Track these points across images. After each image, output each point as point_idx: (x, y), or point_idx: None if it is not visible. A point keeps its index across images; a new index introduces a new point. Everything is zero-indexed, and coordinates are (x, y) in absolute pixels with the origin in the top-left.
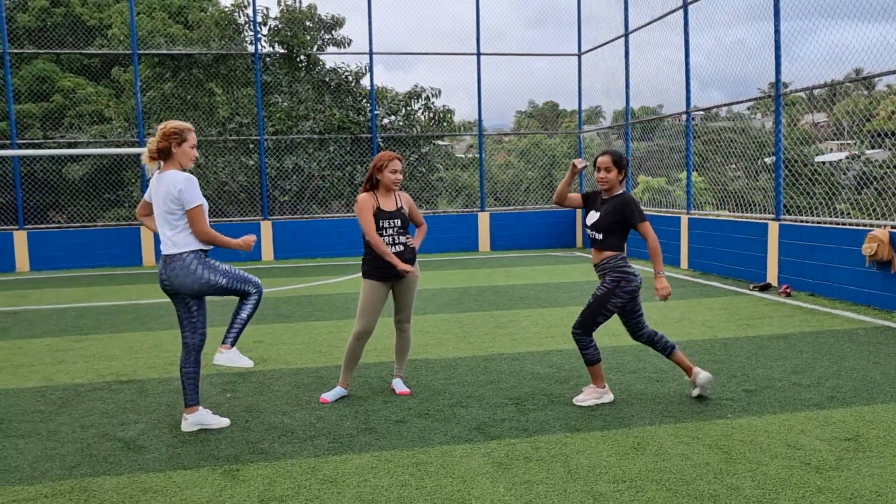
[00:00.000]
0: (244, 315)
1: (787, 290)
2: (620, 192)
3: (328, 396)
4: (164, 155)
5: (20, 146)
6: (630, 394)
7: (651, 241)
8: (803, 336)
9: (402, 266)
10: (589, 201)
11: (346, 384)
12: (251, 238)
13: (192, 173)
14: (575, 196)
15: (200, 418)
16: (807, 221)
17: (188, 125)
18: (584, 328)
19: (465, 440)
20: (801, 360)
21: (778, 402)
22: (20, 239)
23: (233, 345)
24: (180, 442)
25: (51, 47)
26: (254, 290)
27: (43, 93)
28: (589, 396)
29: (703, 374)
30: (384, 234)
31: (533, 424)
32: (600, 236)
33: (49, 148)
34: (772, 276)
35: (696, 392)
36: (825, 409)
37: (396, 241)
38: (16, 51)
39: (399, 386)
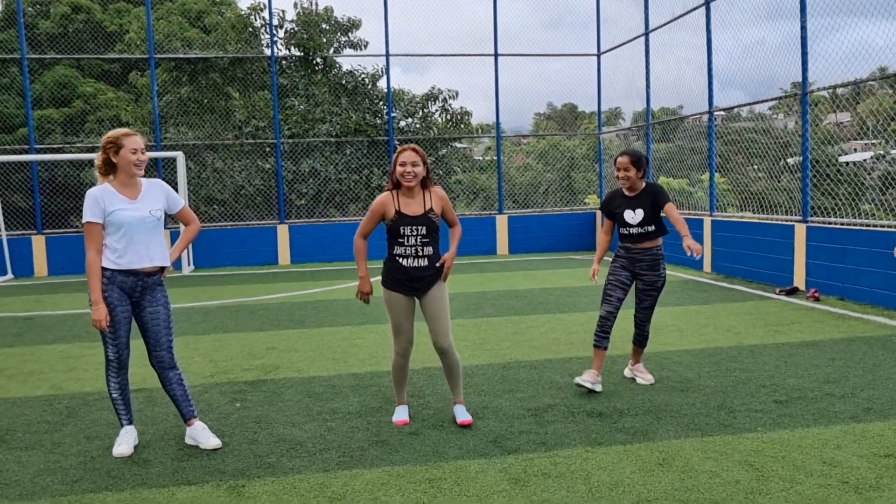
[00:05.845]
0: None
1: (816, 295)
2: (644, 184)
3: (402, 416)
4: (109, 167)
5: (41, 151)
6: (653, 404)
7: (676, 216)
8: (834, 343)
9: (365, 292)
10: (614, 205)
11: (405, 401)
12: (100, 320)
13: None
14: (609, 225)
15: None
16: (835, 223)
17: (125, 130)
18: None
19: (481, 454)
20: (834, 369)
21: (811, 414)
22: (38, 243)
23: (194, 417)
24: (186, 455)
25: (71, 53)
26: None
27: (64, 98)
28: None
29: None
30: (405, 243)
31: (552, 437)
32: (652, 227)
33: (69, 153)
34: (799, 280)
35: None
36: (861, 422)
37: (420, 254)
38: (35, 56)
39: (460, 414)
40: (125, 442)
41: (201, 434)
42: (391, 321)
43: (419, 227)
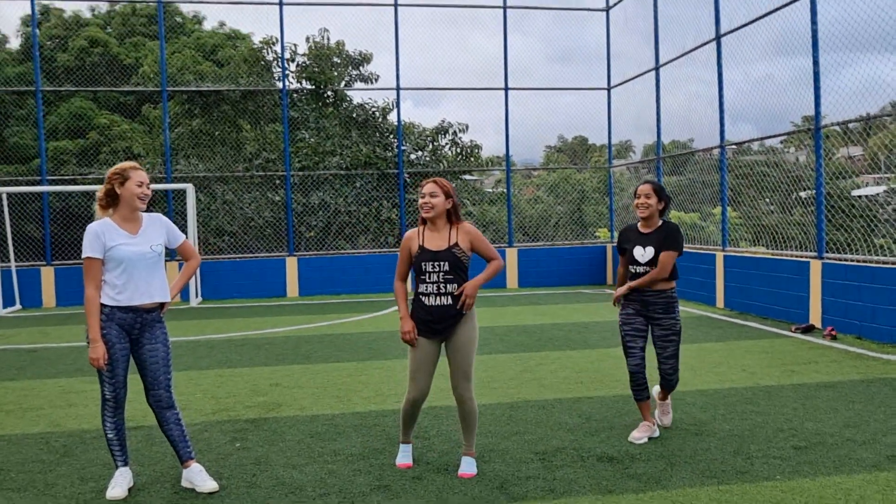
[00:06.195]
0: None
1: (833, 333)
2: (661, 222)
3: (405, 460)
4: (111, 199)
5: (55, 182)
6: (667, 449)
7: (657, 269)
8: (853, 384)
9: (405, 331)
10: (628, 241)
11: (410, 440)
12: (98, 358)
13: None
14: (626, 259)
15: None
16: (852, 260)
17: (132, 164)
18: (679, 367)
19: (486, 501)
20: (854, 413)
21: (832, 461)
22: (47, 275)
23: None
24: (181, 498)
25: (88, 85)
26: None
27: (79, 130)
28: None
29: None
30: (427, 279)
31: (560, 484)
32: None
33: (81, 184)
34: (815, 318)
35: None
36: (884, 470)
37: (442, 291)
38: (50, 88)
39: (464, 466)
40: (119, 484)
41: (198, 476)
42: (410, 367)
43: (441, 263)
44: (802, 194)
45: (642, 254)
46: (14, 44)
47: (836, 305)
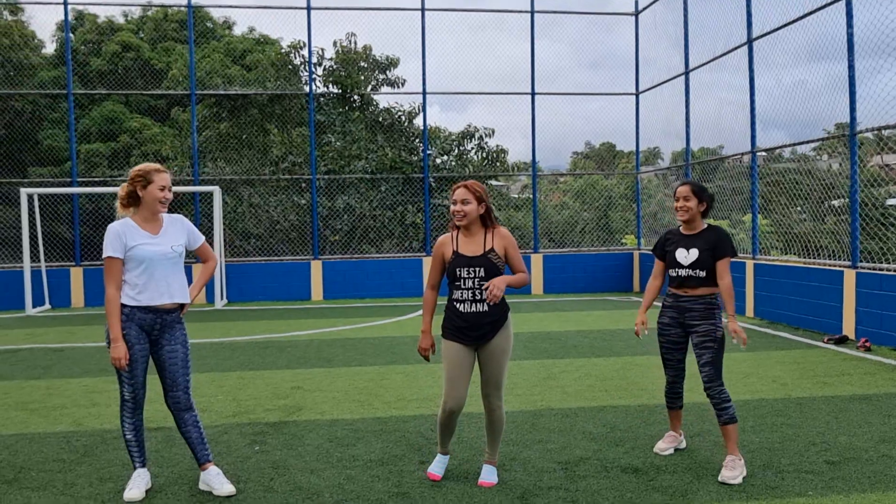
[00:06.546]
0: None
1: (867, 344)
2: (706, 225)
3: (437, 471)
4: (132, 199)
5: (85, 184)
6: (693, 461)
7: (727, 283)
8: (888, 397)
9: (422, 347)
10: (668, 244)
11: (446, 451)
12: (120, 358)
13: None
14: (659, 268)
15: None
16: (887, 270)
17: (156, 166)
18: (720, 378)
19: None
20: (889, 427)
21: (867, 477)
22: (76, 275)
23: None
24: (198, 501)
25: (120, 89)
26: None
27: (111, 133)
28: (737, 470)
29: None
30: (462, 286)
31: (583, 495)
32: (703, 273)
33: (112, 186)
34: (848, 328)
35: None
36: None
37: (477, 298)
38: (82, 91)
39: (485, 474)
40: (136, 486)
41: (215, 479)
42: (446, 375)
43: (477, 269)
44: (835, 202)
45: (685, 256)
46: (49, 48)
47: (871, 316)
